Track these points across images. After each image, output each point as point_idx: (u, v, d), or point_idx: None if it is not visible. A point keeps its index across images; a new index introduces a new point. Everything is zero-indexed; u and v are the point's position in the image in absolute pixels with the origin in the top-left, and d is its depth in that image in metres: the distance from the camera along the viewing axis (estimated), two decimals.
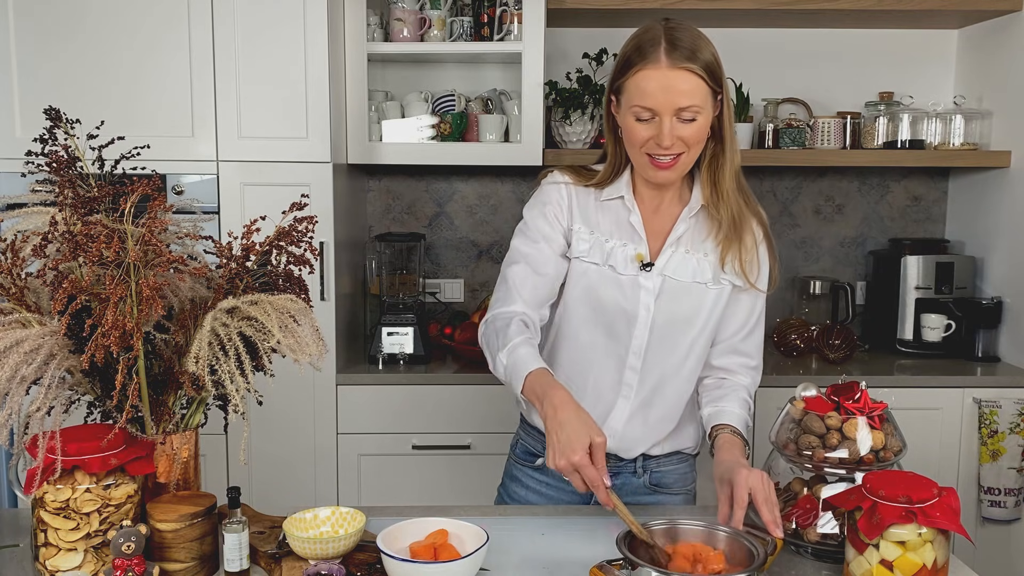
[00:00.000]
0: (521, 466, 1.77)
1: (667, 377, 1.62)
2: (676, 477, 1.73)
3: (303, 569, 1.32)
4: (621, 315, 1.58)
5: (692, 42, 1.47)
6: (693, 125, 1.48)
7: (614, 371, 1.62)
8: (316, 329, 1.42)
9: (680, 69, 1.45)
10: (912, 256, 2.96)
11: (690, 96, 1.45)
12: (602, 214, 1.62)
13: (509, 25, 2.81)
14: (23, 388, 1.24)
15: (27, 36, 2.51)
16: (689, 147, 1.50)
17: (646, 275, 1.57)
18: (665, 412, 1.65)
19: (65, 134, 1.44)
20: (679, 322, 1.59)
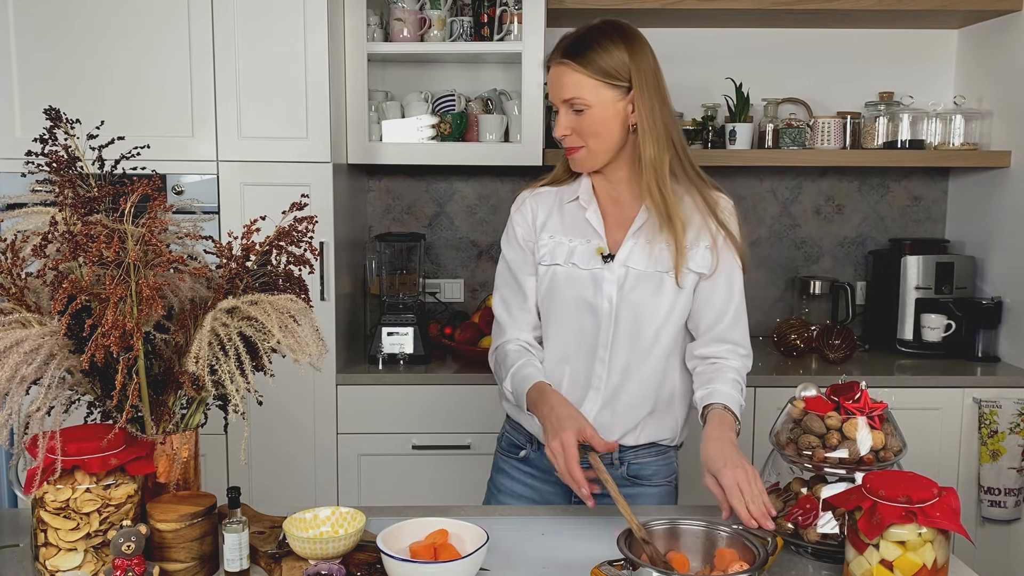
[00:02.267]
0: (507, 458, 1.82)
1: (634, 365, 1.66)
2: (655, 469, 1.74)
3: (303, 569, 1.32)
4: (587, 309, 1.65)
5: (588, 43, 1.59)
6: (582, 118, 1.60)
7: (585, 364, 1.67)
8: (316, 329, 1.42)
9: (562, 64, 1.60)
10: (912, 256, 2.96)
11: (572, 89, 1.59)
12: (566, 216, 1.71)
13: (509, 25, 2.81)
14: (23, 388, 1.24)
15: (27, 36, 2.51)
16: (585, 139, 1.62)
17: (608, 267, 1.64)
18: (634, 400, 1.68)
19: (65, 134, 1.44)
20: (643, 310, 1.64)
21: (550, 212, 1.72)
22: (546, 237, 1.70)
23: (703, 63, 3.15)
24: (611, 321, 1.65)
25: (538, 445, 1.74)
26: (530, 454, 1.77)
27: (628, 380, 1.67)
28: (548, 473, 1.73)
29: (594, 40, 1.59)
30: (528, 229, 1.73)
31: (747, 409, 2.66)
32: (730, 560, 1.29)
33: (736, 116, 2.98)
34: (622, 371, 1.67)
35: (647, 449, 1.73)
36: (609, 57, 1.58)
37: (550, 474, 1.71)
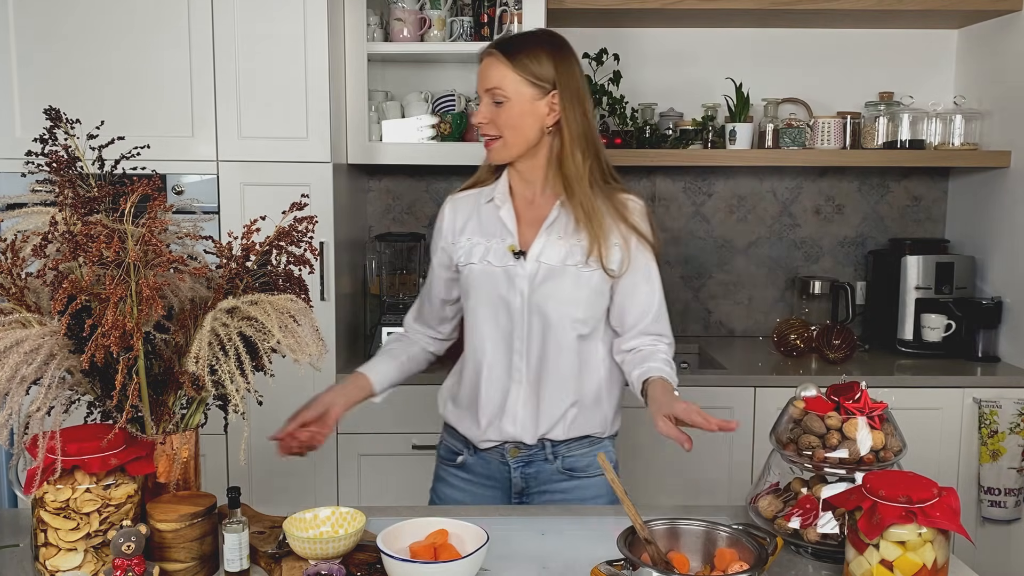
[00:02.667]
0: (445, 466, 1.87)
1: (551, 357, 1.72)
2: (590, 461, 1.77)
3: (303, 569, 1.32)
4: (502, 304, 1.72)
5: (520, 44, 1.70)
6: (501, 109, 1.68)
7: (505, 358, 1.73)
8: (316, 329, 1.43)
9: (490, 56, 1.69)
10: (912, 256, 2.96)
11: (495, 80, 1.67)
12: (483, 216, 1.78)
13: (509, 25, 2.81)
14: (23, 388, 1.24)
15: (27, 36, 2.51)
16: (501, 131, 1.69)
17: (520, 264, 1.71)
18: (555, 391, 1.73)
19: (65, 134, 1.44)
20: (556, 303, 1.70)
21: (469, 215, 1.80)
22: (464, 239, 1.78)
23: (703, 63, 3.15)
24: (524, 315, 1.71)
25: (475, 449, 1.79)
26: (467, 459, 1.81)
27: (546, 372, 1.72)
28: (486, 478, 1.80)
29: (526, 43, 1.70)
30: (441, 235, 1.83)
31: (747, 409, 2.66)
32: (730, 560, 1.29)
33: (736, 116, 2.98)
34: (539, 363, 1.72)
35: (579, 442, 1.76)
36: (536, 60, 1.68)
37: (489, 479, 1.79)
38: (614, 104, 2.94)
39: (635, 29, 3.12)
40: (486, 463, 1.79)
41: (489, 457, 1.78)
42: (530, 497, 1.78)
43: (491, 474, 1.79)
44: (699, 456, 2.68)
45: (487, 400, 1.74)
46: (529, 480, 1.77)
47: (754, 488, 1.59)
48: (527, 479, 1.76)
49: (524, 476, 1.76)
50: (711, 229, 3.25)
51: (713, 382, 2.70)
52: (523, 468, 1.76)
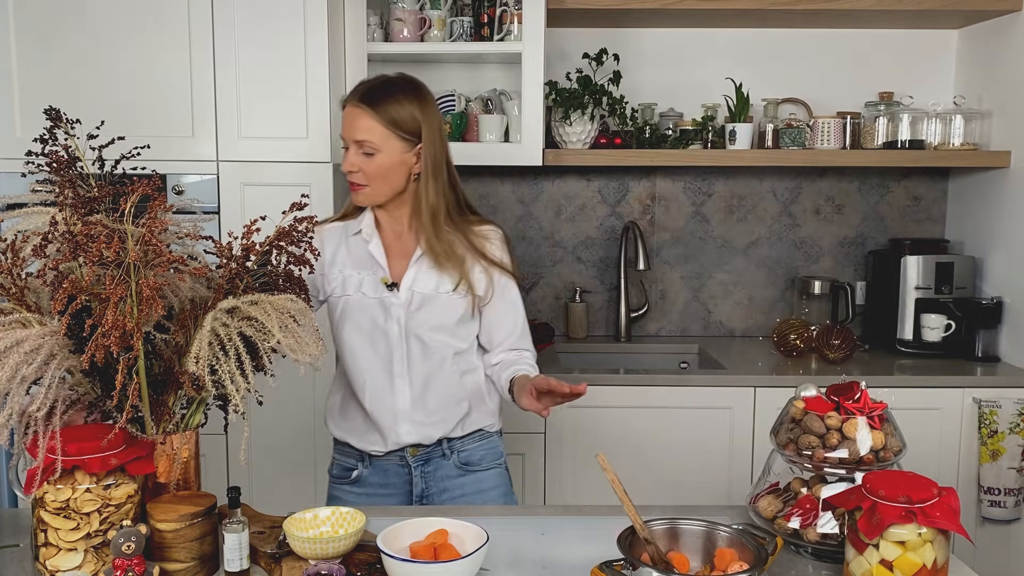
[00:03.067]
0: (339, 484, 1.90)
1: (433, 375, 1.81)
2: (483, 453, 1.88)
3: (303, 569, 1.32)
4: (380, 334, 1.79)
5: (384, 93, 1.76)
6: (372, 161, 1.74)
7: (387, 380, 1.81)
8: (316, 329, 1.43)
9: (358, 108, 1.74)
10: (912, 256, 2.96)
11: (364, 133, 1.73)
12: (352, 248, 1.84)
13: (509, 25, 2.81)
14: (23, 388, 1.24)
15: (27, 36, 2.51)
16: (369, 180, 1.75)
17: (394, 295, 1.78)
18: (444, 398, 1.82)
19: (65, 134, 1.44)
20: (433, 328, 1.80)
21: (338, 246, 1.85)
22: (335, 271, 1.84)
23: (703, 63, 3.15)
24: (403, 342, 1.79)
25: (370, 461, 1.85)
26: (363, 473, 1.86)
27: (431, 388, 1.81)
28: (384, 487, 1.86)
29: (390, 92, 1.76)
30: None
31: (747, 409, 2.66)
32: (730, 560, 1.29)
33: (736, 116, 2.98)
34: (423, 381, 1.81)
35: (471, 436, 1.87)
36: (402, 110, 1.75)
37: (386, 487, 1.86)
38: (614, 104, 2.94)
39: (635, 29, 3.12)
40: (383, 472, 1.85)
41: (387, 464, 1.84)
42: (430, 498, 1.85)
43: (389, 482, 1.85)
44: (699, 456, 2.69)
45: (378, 418, 1.81)
46: (428, 479, 1.84)
47: (754, 488, 1.59)
48: (426, 478, 1.84)
49: (424, 475, 1.84)
50: (711, 229, 3.25)
51: (713, 382, 2.70)
52: (422, 467, 1.84)
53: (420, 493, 1.85)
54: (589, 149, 2.93)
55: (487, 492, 1.86)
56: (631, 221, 3.13)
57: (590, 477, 2.65)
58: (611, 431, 2.66)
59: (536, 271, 3.25)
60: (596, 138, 2.95)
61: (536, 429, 2.66)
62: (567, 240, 3.24)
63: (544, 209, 3.22)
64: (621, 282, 3.16)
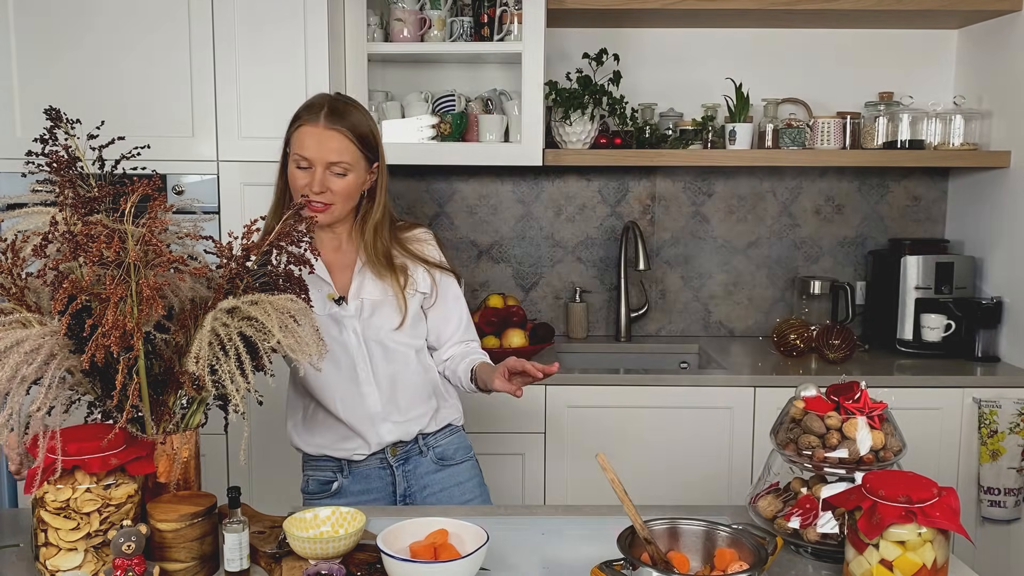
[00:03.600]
0: (317, 500, 1.88)
1: (399, 376, 1.84)
2: (456, 447, 1.92)
3: (303, 569, 1.32)
4: (338, 347, 1.79)
5: (350, 113, 1.76)
6: (343, 180, 1.74)
7: (353, 388, 1.81)
8: (316, 329, 1.43)
9: (332, 130, 1.72)
10: (912, 256, 2.96)
11: (339, 154, 1.72)
12: None
13: (509, 25, 2.81)
14: (23, 388, 1.24)
15: (27, 36, 2.51)
16: (336, 200, 1.74)
17: (344, 308, 1.79)
18: (413, 397, 1.86)
19: (65, 134, 1.44)
20: (388, 331, 1.82)
21: None
22: None
23: (703, 63, 3.15)
24: (363, 349, 1.80)
25: (350, 469, 1.85)
26: (343, 483, 1.86)
27: (399, 386, 1.84)
28: (365, 492, 1.86)
29: (350, 110, 1.76)
30: None
31: (747, 409, 2.66)
32: (730, 560, 1.29)
33: (736, 116, 2.98)
34: (390, 383, 1.83)
35: (443, 431, 1.91)
36: (365, 127, 1.77)
37: (367, 492, 1.86)
38: (614, 104, 2.94)
39: (635, 29, 3.12)
40: (364, 478, 1.86)
41: (368, 470, 1.85)
42: (412, 497, 1.86)
43: (370, 487, 1.86)
44: (699, 456, 2.69)
45: (355, 424, 1.82)
46: (409, 478, 1.86)
47: (754, 488, 1.59)
48: (407, 477, 1.86)
49: (405, 474, 1.86)
50: (711, 229, 3.25)
51: (713, 382, 2.70)
52: (403, 466, 1.86)
53: (403, 492, 1.86)
54: (589, 149, 2.93)
55: (464, 484, 1.90)
56: (631, 221, 3.13)
57: (590, 477, 2.64)
58: (611, 431, 2.66)
59: (536, 271, 3.25)
60: (596, 138, 2.95)
61: (536, 429, 2.66)
62: (567, 240, 3.24)
63: (544, 209, 3.22)
64: (621, 282, 3.16)
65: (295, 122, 1.78)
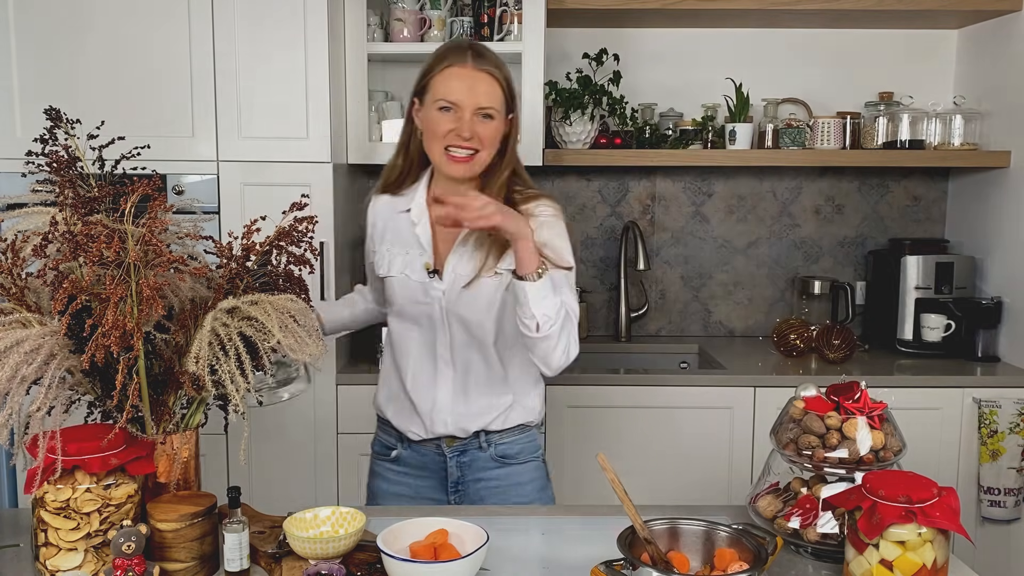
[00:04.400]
0: (380, 461, 1.89)
1: (476, 361, 1.76)
2: (521, 447, 1.81)
3: (303, 569, 1.32)
4: (424, 317, 1.74)
5: (495, 58, 1.70)
6: (490, 125, 1.66)
7: (430, 365, 1.77)
8: (316, 329, 1.43)
9: (483, 72, 1.66)
10: (912, 256, 2.96)
11: (489, 97, 1.65)
12: (400, 225, 1.79)
13: (509, 25, 2.81)
14: (23, 388, 1.24)
15: (27, 36, 2.51)
16: (484, 146, 1.66)
17: (435, 280, 1.73)
18: (485, 391, 1.77)
19: (65, 134, 1.44)
20: (476, 313, 1.72)
21: (387, 223, 1.81)
22: (384, 249, 1.80)
23: (703, 63, 3.15)
24: (445, 325, 1.73)
25: (408, 443, 1.82)
26: (402, 453, 1.83)
27: (473, 375, 1.76)
28: (422, 469, 1.82)
29: (494, 55, 1.70)
30: (370, 239, 1.86)
31: (747, 409, 2.66)
32: (730, 560, 1.29)
33: (736, 116, 2.98)
34: (464, 368, 1.75)
35: (511, 430, 1.80)
36: (508, 72, 1.71)
37: (424, 470, 1.82)
38: (614, 104, 2.94)
39: (635, 29, 3.12)
40: (420, 455, 1.82)
41: (424, 449, 1.81)
42: (466, 485, 1.81)
43: (426, 465, 1.82)
44: (699, 456, 2.69)
45: (417, 403, 1.78)
46: (464, 469, 1.80)
47: (754, 488, 1.59)
48: (462, 468, 1.80)
49: (459, 465, 1.80)
50: (711, 229, 3.25)
51: (713, 382, 2.70)
52: (458, 457, 1.80)
53: (455, 481, 1.80)
54: (589, 149, 2.93)
55: (524, 485, 1.81)
56: (631, 221, 3.13)
57: (590, 477, 2.64)
58: (611, 431, 2.66)
59: None
60: (596, 138, 2.95)
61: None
62: None
63: None
64: (621, 282, 3.16)
65: (438, 64, 1.69)
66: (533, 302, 1.55)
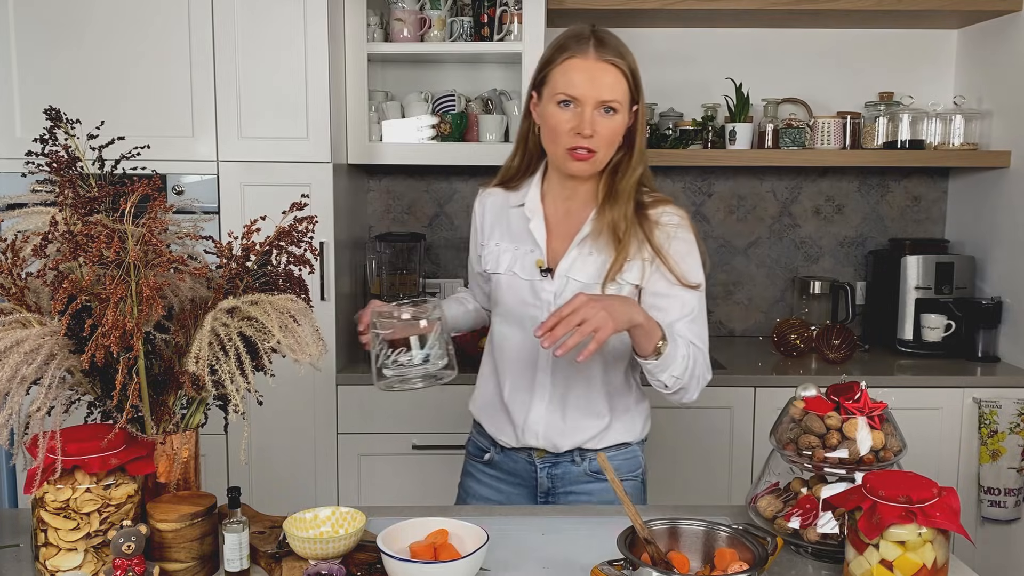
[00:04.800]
0: (473, 462, 1.84)
1: (577, 376, 1.66)
2: (618, 464, 1.71)
3: (303, 569, 1.32)
4: (531, 320, 1.63)
5: (618, 45, 1.56)
6: (612, 120, 1.54)
7: (528, 372, 1.68)
8: (316, 329, 1.42)
9: (606, 63, 1.52)
10: (912, 256, 2.96)
11: (612, 90, 1.52)
12: (512, 221, 1.71)
13: (509, 25, 2.81)
14: (23, 388, 1.24)
15: (27, 36, 2.51)
16: (603, 144, 1.55)
17: (548, 280, 1.63)
18: (583, 409, 1.67)
19: (65, 134, 1.44)
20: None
21: (497, 218, 1.73)
22: (492, 244, 1.72)
23: (703, 63, 3.15)
24: None
25: (500, 448, 1.78)
26: (494, 457, 1.78)
27: (573, 390, 1.67)
28: (513, 475, 1.77)
29: (621, 45, 1.56)
30: (477, 231, 1.79)
31: (747, 409, 2.66)
32: (730, 560, 1.29)
33: (736, 116, 2.98)
34: (566, 380, 1.66)
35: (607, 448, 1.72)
36: (633, 61, 1.56)
37: (515, 476, 1.77)
38: None
39: (635, 29, 3.12)
40: (513, 462, 1.76)
41: (516, 456, 1.75)
42: (556, 497, 1.74)
43: (517, 472, 1.76)
44: (699, 456, 2.69)
45: (512, 412, 1.71)
46: (555, 481, 1.73)
47: (754, 488, 1.59)
48: (553, 479, 1.73)
49: (551, 476, 1.73)
50: (711, 229, 3.25)
51: (713, 382, 2.67)
52: (550, 469, 1.72)
53: (546, 491, 1.74)
54: None
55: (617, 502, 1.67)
56: None
57: None
58: None
59: None
60: None
61: None
62: None
63: None
64: None
65: (558, 55, 1.55)
66: (659, 373, 1.52)
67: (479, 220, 1.78)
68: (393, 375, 1.47)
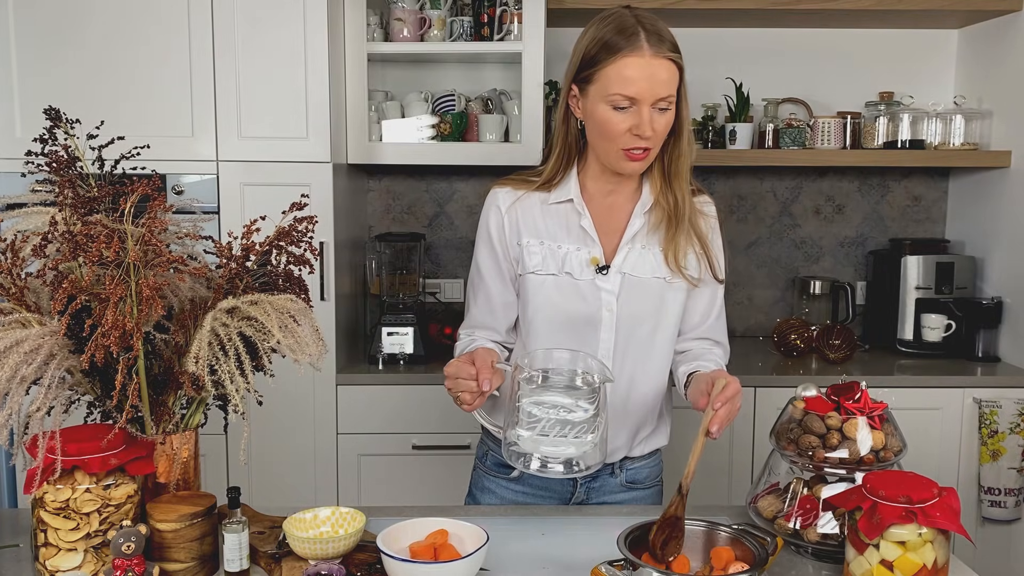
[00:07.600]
0: (495, 477, 1.73)
1: (638, 378, 1.61)
2: (648, 472, 1.72)
3: (303, 569, 1.32)
4: (585, 321, 1.56)
5: (668, 33, 1.47)
6: (667, 115, 1.48)
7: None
8: (316, 329, 1.42)
9: (663, 58, 1.44)
10: (912, 256, 2.96)
11: (668, 86, 1.45)
12: (551, 219, 1.60)
13: (509, 25, 2.81)
14: (23, 388, 1.24)
15: (27, 36, 2.51)
16: (655, 142, 1.50)
17: (604, 277, 1.56)
18: (642, 416, 1.64)
19: (65, 134, 1.44)
20: (644, 319, 1.57)
21: (533, 211, 1.60)
22: (535, 243, 1.59)
23: (703, 63, 3.14)
24: (612, 333, 1.56)
25: None
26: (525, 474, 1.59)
27: (635, 393, 1.61)
28: (544, 489, 1.69)
29: (665, 29, 1.47)
30: (503, 233, 1.63)
31: (747, 409, 2.66)
32: (730, 560, 1.29)
33: (736, 116, 2.98)
34: (627, 385, 1.59)
35: (644, 457, 1.71)
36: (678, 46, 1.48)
37: (547, 490, 1.69)
38: None
39: None
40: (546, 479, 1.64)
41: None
42: (589, 507, 1.69)
43: (549, 486, 1.68)
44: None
45: None
46: (591, 492, 1.69)
47: (754, 488, 1.59)
48: (590, 492, 1.69)
49: (588, 489, 1.69)
50: None
51: None
52: (589, 483, 1.68)
53: (579, 502, 1.69)
54: None
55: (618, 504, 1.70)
56: None
57: None
58: None
59: None
60: None
61: None
62: None
63: None
64: None
65: (608, 54, 1.45)
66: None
67: (505, 224, 1.62)
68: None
